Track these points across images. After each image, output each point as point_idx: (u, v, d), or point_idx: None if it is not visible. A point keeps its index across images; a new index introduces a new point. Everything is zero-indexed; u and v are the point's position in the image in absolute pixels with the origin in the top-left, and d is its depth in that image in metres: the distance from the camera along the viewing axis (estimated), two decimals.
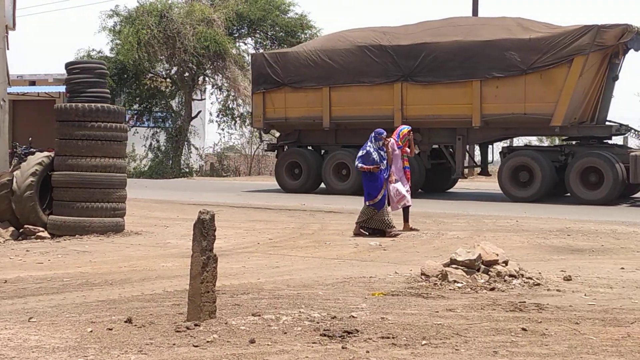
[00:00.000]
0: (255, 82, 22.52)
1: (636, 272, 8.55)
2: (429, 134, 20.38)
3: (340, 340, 5.19)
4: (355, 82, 20.61)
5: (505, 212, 15.83)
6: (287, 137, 22.58)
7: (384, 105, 20.15)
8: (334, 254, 10.24)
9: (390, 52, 20.16)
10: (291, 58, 21.69)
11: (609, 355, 4.86)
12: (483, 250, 7.88)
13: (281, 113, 21.80)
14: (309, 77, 21.24)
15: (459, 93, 19.41)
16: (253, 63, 22.87)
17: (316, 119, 21.24)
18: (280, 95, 21.75)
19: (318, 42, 22.31)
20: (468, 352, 4.94)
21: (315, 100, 21.18)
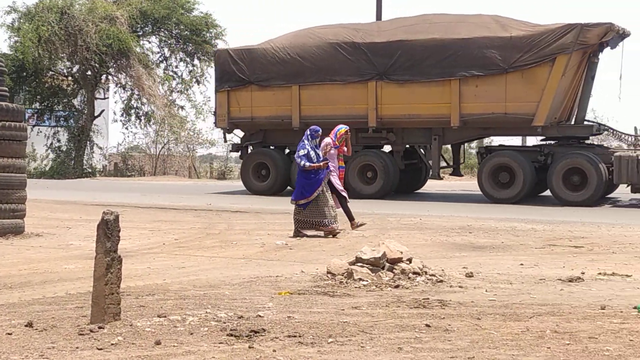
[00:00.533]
0: (219, 79, 21.55)
1: (534, 268, 8.82)
2: (403, 134, 20.03)
3: (247, 340, 5.19)
4: (326, 80, 20.03)
5: (410, 210, 16.08)
6: (251, 137, 21.76)
7: (357, 105, 19.65)
8: (241, 253, 10.21)
9: (364, 50, 19.64)
10: (258, 55, 20.87)
11: (509, 349, 4.99)
12: (388, 249, 7.98)
13: (247, 112, 21.04)
14: (277, 74, 20.52)
15: (436, 92, 18.99)
16: (217, 60, 21.92)
17: (285, 119, 20.53)
18: (246, 93, 21.00)
19: (286, 39, 21.38)
20: (373, 349, 5.00)
21: (284, 99, 20.48)
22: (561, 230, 12.57)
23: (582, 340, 5.21)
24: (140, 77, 33.33)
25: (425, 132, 19.69)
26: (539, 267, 8.88)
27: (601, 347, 5.03)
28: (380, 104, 19.46)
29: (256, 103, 20.79)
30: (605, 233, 12.23)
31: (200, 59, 36.16)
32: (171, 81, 36.33)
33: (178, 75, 36.69)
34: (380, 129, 19.74)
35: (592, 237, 11.66)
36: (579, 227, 12.97)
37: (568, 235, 12.00)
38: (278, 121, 20.72)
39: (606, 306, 6.39)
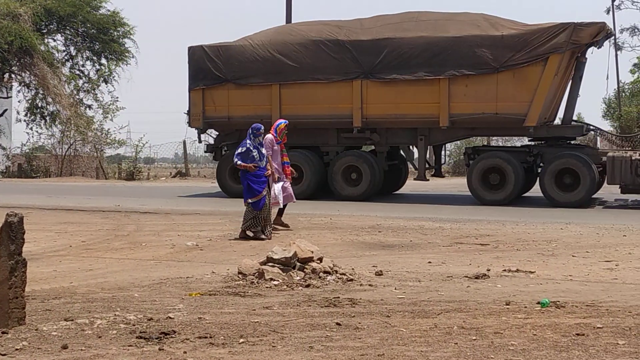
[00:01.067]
0: (193, 77, 20.49)
1: (442, 266, 8.99)
2: (387, 134, 19.39)
3: (157, 342, 5.13)
4: (309, 78, 19.29)
5: (319, 210, 16.16)
6: (226, 138, 20.79)
7: (341, 104, 19.03)
8: (150, 255, 10.09)
9: (348, 48, 18.99)
10: (235, 52, 20.00)
11: (418, 345, 5.08)
12: (298, 248, 8.02)
13: (223, 111, 20.09)
14: (256, 72, 19.69)
15: (424, 91, 18.40)
16: (191, 57, 20.60)
17: (264, 118, 18.69)
18: (222, 92, 20.07)
19: (266, 36, 20.37)
20: (285, 348, 5.02)
21: (263, 97, 19.65)
22: (468, 229, 12.83)
23: (488, 335, 5.34)
24: (45, 76, 32.49)
25: (411, 132, 19.18)
26: (447, 265, 9.06)
27: (506, 341, 5.16)
28: (366, 103, 18.90)
29: (233, 102, 19.97)
30: (509, 231, 12.55)
31: (107, 57, 35.52)
32: (77, 80, 35.56)
33: (85, 74, 35.97)
34: (364, 129, 19.16)
35: (497, 235, 11.95)
36: (484, 225, 13.27)
37: (474, 233, 12.26)
38: (256, 121, 19.67)
39: (511, 302, 6.57)
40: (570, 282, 7.89)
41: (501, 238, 11.61)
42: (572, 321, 5.78)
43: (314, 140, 19.78)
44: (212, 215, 15.31)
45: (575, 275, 8.27)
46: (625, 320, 5.82)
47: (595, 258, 9.56)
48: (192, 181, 31.72)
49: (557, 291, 7.23)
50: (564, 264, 9.09)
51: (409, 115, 18.59)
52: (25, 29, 31.14)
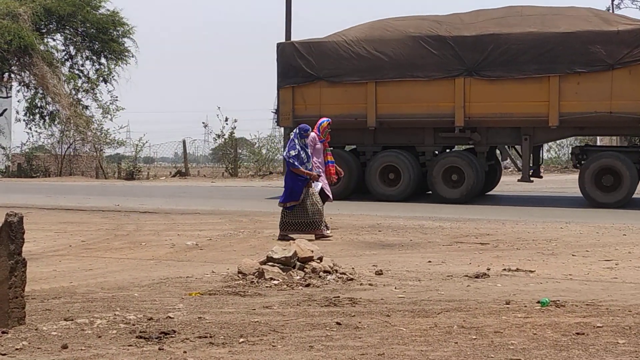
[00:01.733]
0: (283, 75, 19.74)
1: (442, 265, 8.99)
2: (488, 134, 18.65)
3: (157, 342, 5.13)
4: (407, 76, 18.51)
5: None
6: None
7: (442, 102, 18.27)
8: (150, 254, 10.09)
9: (450, 44, 18.21)
10: (328, 49, 19.22)
11: (418, 345, 5.08)
12: (298, 248, 8.02)
13: (314, 110, 19.00)
14: (350, 70, 18.94)
15: (532, 89, 17.69)
16: (280, 53, 19.87)
17: (358, 117, 18.91)
18: (313, 90, 19.30)
19: (360, 32, 19.48)
20: (285, 347, 5.02)
21: (357, 96, 18.92)
22: (467, 228, 12.83)
23: (488, 334, 5.34)
24: (45, 76, 32.50)
25: (513, 131, 18.44)
26: (447, 264, 9.06)
27: (506, 341, 5.16)
28: (469, 102, 18.13)
29: (325, 100, 19.19)
30: (509, 230, 12.55)
31: (107, 57, 35.51)
32: (77, 80, 35.56)
33: (84, 74, 35.97)
34: (464, 129, 18.41)
35: (497, 234, 11.95)
36: (484, 225, 13.27)
37: (474, 232, 12.26)
38: (350, 120, 19.01)
39: (511, 301, 6.56)
40: (570, 281, 7.89)
41: (501, 237, 11.62)
42: (572, 320, 5.78)
43: (409, 140, 19.17)
44: (212, 214, 15.31)
45: (575, 275, 8.27)
46: (626, 319, 5.82)
47: (595, 257, 9.56)
48: (192, 180, 31.74)
49: (557, 290, 7.23)
50: (564, 263, 9.09)
51: (515, 114, 17.91)
52: (24, 28, 31.15)
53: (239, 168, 34.71)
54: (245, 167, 35.47)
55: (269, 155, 35.44)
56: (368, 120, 18.85)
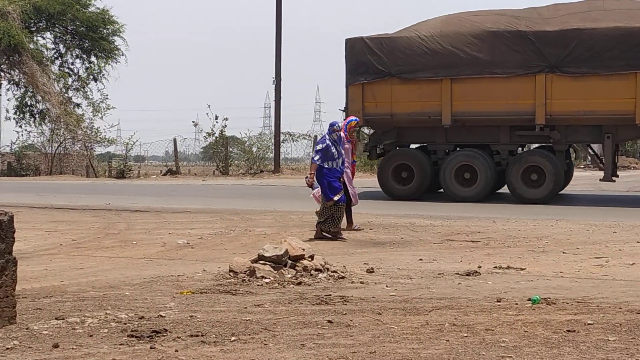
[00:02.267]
0: (352, 71, 18.99)
1: (433, 263, 9.00)
2: (567, 132, 17.98)
3: (149, 341, 5.12)
4: (485, 73, 17.93)
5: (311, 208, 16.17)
6: (383, 136, 19.31)
7: (521, 100, 17.67)
8: (141, 253, 10.07)
9: (531, 39, 17.59)
10: (401, 44, 18.57)
11: (410, 343, 5.09)
12: (290, 246, 8.02)
13: (385, 108, 18.64)
14: (424, 66, 18.30)
15: (618, 86, 17.05)
16: (350, 49, 19.09)
17: (432, 115, 18.27)
18: (384, 87, 18.63)
19: (434, 27, 18.80)
20: (276, 346, 5.02)
21: (431, 93, 18.28)
22: (459, 226, 12.86)
23: (479, 332, 5.35)
24: (34, 74, 32.39)
25: (594, 129, 17.80)
26: (438, 262, 9.07)
27: (497, 338, 5.17)
28: (550, 99, 17.49)
29: (397, 98, 18.53)
30: (500, 228, 12.57)
31: (97, 55, 35.42)
32: (67, 78, 35.46)
33: (74, 72, 35.87)
34: (544, 127, 17.79)
35: (488, 232, 11.97)
36: (475, 222, 13.29)
37: (465, 230, 12.28)
38: (423, 118, 18.47)
39: (502, 299, 6.58)
40: (560, 278, 7.91)
41: (492, 235, 11.64)
42: (563, 318, 5.80)
43: (483, 138, 18.62)
44: (203, 213, 15.29)
45: (565, 272, 8.30)
46: (616, 316, 5.84)
47: (586, 255, 9.59)
48: (182, 179, 31.70)
49: (548, 288, 7.25)
50: (555, 261, 9.12)
51: (598, 112, 17.30)
52: (14, 26, 31.04)
53: (230, 166, 34.68)
54: (236, 166, 35.43)
55: (260, 154, 35.41)
56: (443, 118, 18.24)
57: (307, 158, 38.77)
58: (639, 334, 5.27)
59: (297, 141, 38.03)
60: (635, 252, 9.77)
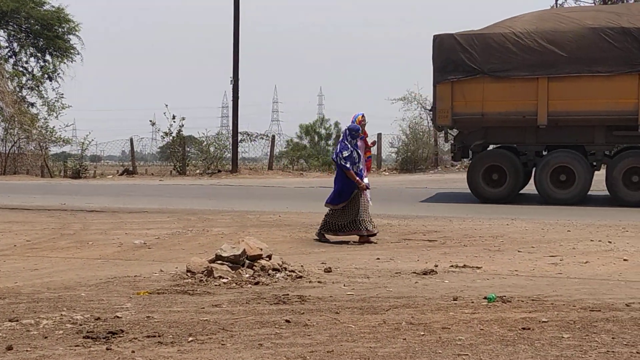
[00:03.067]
0: (441, 69, 18.12)
1: (390, 262, 9.05)
2: None
3: (105, 342, 5.08)
4: (585, 71, 17.16)
5: (269, 207, 16.15)
6: (469, 137, 18.53)
7: (622, 99, 16.99)
8: (97, 253, 9.98)
9: (635, 36, 16.90)
10: (494, 41, 17.81)
11: (367, 342, 5.11)
12: (247, 246, 8.01)
13: (476, 107, 17.85)
14: (519, 64, 17.55)
15: None
16: (438, 46, 18.27)
17: (526, 115, 17.52)
18: (475, 85, 17.84)
19: (529, 23, 18.05)
20: (234, 346, 5.01)
21: (526, 92, 17.53)
22: (415, 225, 12.93)
23: (436, 330, 5.40)
24: None
25: None
26: (395, 261, 9.12)
27: (454, 336, 5.22)
28: None
29: (489, 97, 17.78)
30: (456, 227, 12.68)
31: (52, 54, 35.00)
32: (21, 77, 34.98)
33: (28, 71, 35.40)
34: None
35: (445, 231, 12.06)
36: (432, 222, 13.38)
37: (422, 229, 12.36)
38: (517, 117, 17.73)
39: (458, 297, 6.64)
40: (516, 277, 8.01)
41: (448, 234, 11.73)
42: (518, 315, 5.87)
43: (577, 139, 17.88)
44: (160, 213, 15.19)
45: (521, 270, 8.40)
46: (570, 314, 5.93)
47: (541, 253, 9.72)
48: (139, 179, 31.45)
49: (504, 286, 7.33)
50: (510, 259, 9.22)
51: None
52: None
53: (187, 166, 34.49)
54: (193, 166, 35.24)
55: (217, 154, 35.25)
56: (539, 118, 17.52)
57: (264, 158, 38.73)
58: (592, 331, 5.35)
59: (255, 141, 37.92)
60: (589, 250, 9.93)
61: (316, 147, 37.98)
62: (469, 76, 17.85)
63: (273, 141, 37.01)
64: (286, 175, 32.77)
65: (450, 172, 32.18)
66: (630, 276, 7.96)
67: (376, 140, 27.67)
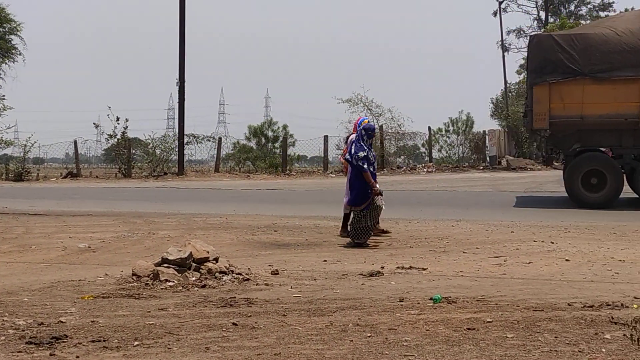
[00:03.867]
0: (538, 70, 17.51)
1: (337, 264, 9.08)
2: None
3: (49, 347, 5.01)
4: None
5: (215, 210, 16.09)
6: (562, 140, 17.96)
7: None
8: (40, 257, 9.83)
9: None
10: (595, 41, 17.23)
11: (314, 344, 5.12)
12: (194, 249, 7.96)
13: (574, 110, 17.18)
14: (622, 65, 16.90)
15: None
16: (536, 46, 17.76)
17: (629, 117, 16.87)
18: (574, 87, 17.18)
19: (632, 22, 17.46)
20: (180, 350, 4.98)
21: (629, 93, 16.87)
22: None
23: (382, 332, 5.43)
24: None
25: None
26: (342, 263, 9.16)
27: (400, 337, 5.26)
28: None
29: (588, 99, 17.09)
30: (402, 228, 12.77)
31: None
32: None
33: None
34: None
35: (391, 233, 12.13)
36: None
37: None
38: (618, 120, 17.05)
39: (404, 298, 6.69)
40: (461, 278, 8.09)
41: (394, 235, 11.81)
42: (463, 316, 5.93)
43: None
44: (105, 216, 15.03)
45: (466, 271, 8.49)
46: (514, 314, 6.01)
47: (485, 254, 9.84)
48: (84, 182, 31.05)
49: (449, 287, 7.41)
50: (455, 260, 9.32)
51: None
52: None
53: (133, 169, 34.15)
54: (139, 168, 34.91)
55: (163, 156, 34.97)
56: None
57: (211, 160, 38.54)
58: (535, 331, 5.44)
59: (201, 143, 37.72)
60: (532, 251, 10.08)
61: (263, 149, 37.89)
62: (568, 77, 17.27)
63: (220, 143, 36.87)
64: (233, 177, 32.66)
65: (396, 174, 32.40)
66: (572, 276, 8.10)
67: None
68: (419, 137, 39.30)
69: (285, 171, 34.40)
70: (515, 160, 36.97)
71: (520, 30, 57.16)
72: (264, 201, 19.02)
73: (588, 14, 56.18)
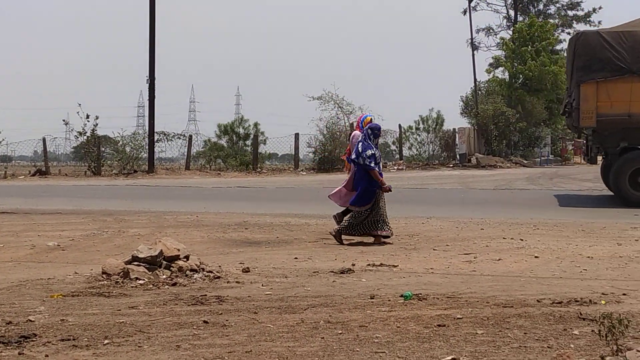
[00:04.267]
0: (585, 68, 17.19)
1: (308, 261, 9.09)
2: None
3: (17, 346, 4.97)
4: None
5: (186, 207, 16.03)
6: (607, 139, 17.55)
7: None
8: (8, 256, 9.73)
9: None
10: None
11: (286, 341, 5.13)
12: (164, 246, 7.93)
13: (622, 108, 16.91)
14: None
15: None
16: (583, 44, 17.43)
17: None
18: (622, 85, 16.93)
19: None
20: (151, 348, 4.96)
21: None
22: (332, 224, 12.94)
23: (353, 329, 5.45)
24: None
25: None
26: (313, 260, 9.17)
27: (371, 334, 5.28)
28: None
29: (637, 97, 16.85)
30: None
31: None
32: None
33: None
34: None
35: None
36: None
37: None
38: None
39: (375, 295, 6.71)
40: (431, 274, 8.14)
41: None
42: (433, 313, 5.97)
43: None
44: (75, 214, 14.92)
45: (436, 268, 8.54)
46: (484, 310, 6.06)
47: (455, 251, 9.90)
48: (53, 179, 30.79)
49: (419, 284, 7.45)
50: (426, 258, 9.36)
51: None
52: None
53: (103, 166, 33.94)
54: (108, 166, 34.71)
55: (133, 154, 34.79)
56: None
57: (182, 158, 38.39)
58: (505, 327, 5.49)
59: (171, 141, 37.60)
60: (502, 248, 10.16)
61: (234, 147, 37.82)
62: (616, 75, 17.08)
63: (190, 141, 36.73)
64: (204, 175, 32.56)
65: None
66: (541, 273, 8.18)
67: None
68: (389, 135, 39.39)
69: (256, 169, 34.35)
70: (484, 158, 37.24)
71: (490, 29, 57.49)
72: (234, 199, 18.98)
73: (557, 13, 56.63)
